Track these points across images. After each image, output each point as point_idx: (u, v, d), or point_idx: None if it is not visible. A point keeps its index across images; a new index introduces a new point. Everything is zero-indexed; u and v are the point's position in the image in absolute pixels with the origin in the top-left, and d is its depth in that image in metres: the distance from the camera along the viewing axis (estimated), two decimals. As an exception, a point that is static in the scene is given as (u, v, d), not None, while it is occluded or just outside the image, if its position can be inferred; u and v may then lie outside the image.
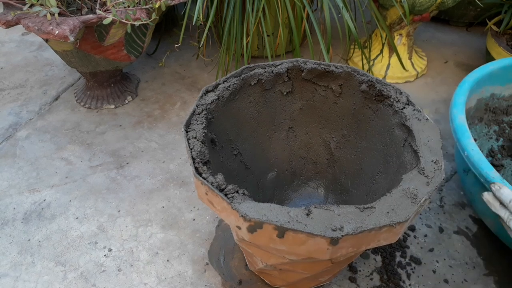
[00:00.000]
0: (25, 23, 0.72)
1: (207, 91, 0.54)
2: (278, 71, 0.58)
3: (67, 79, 1.10)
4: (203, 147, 0.45)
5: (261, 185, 0.63)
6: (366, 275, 0.66)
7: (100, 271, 0.66)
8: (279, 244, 0.40)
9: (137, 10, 0.79)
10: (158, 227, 0.73)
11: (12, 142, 0.90)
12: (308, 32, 0.94)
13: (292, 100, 0.62)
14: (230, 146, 0.57)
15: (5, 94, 1.05)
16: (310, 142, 0.65)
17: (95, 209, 0.76)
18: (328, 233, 0.38)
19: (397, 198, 0.42)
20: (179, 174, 0.83)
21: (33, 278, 0.65)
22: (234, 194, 0.41)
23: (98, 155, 0.87)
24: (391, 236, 0.41)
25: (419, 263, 0.67)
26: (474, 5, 1.28)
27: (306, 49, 1.24)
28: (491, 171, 0.56)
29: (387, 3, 0.99)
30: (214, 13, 0.91)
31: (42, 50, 1.22)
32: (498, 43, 1.03)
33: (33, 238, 0.71)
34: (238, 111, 0.58)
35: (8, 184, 0.81)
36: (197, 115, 0.50)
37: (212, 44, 1.23)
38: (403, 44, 1.09)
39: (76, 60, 0.88)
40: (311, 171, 0.67)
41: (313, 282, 0.56)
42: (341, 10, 0.89)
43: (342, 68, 0.57)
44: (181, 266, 0.67)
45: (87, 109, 1.00)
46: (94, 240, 0.71)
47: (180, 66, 1.16)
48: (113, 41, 0.86)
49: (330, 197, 0.66)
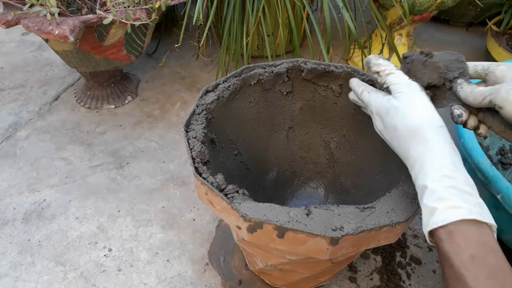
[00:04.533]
0: (25, 23, 0.72)
1: (207, 91, 0.53)
2: (278, 71, 0.58)
3: (67, 79, 1.10)
4: (203, 147, 0.45)
5: (261, 185, 0.63)
6: (366, 275, 0.66)
7: (100, 271, 0.66)
8: (279, 244, 0.40)
9: (137, 10, 0.79)
10: (158, 227, 0.73)
11: (12, 142, 0.90)
12: (308, 32, 0.94)
13: (292, 100, 0.62)
14: (230, 146, 0.57)
15: (5, 94, 1.05)
16: (310, 142, 0.65)
17: (95, 209, 0.76)
18: (328, 233, 0.38)
19: (397, 198, 0.42)
20: (179, 174, 0.83)
21: (33, 278, 0.65)
22: (234, 194, 0.41)
23: (98, 155, 0.87)
24: (391, 236, 0.41)
25: (419, 263, 0.67)
26: (474, 5, 1.28)
27: (306, 49, 1.24)
28: (482, 158, 0.56)
29: (387, 3, 0.99)
30: (214, 13, 0.91)
31: (42, 50, 1.22)
32: (498, 43, 1.03)
33: (33, 238, 0.71)
34: (238, 111, 0.58)
35: (8, 184, 0.81)
36: (197, 115, 0.50)
37: (212, 44, 1.23)
38: (403, 44, 1.09)
39: (76, 60, 0.88)
40: (311, 171, 0.67)
41: (313, 282, 0.56)
42: (341, 10, 0.89)
43: (342, 68, 0.57)
44: (181, 266, 0.67)
45: (87, 109, 1.00)
46: (94, 240, 0.71)
47: (180, 66, 1.16)
48: (113, 41, 0.86)
49: (330, 197, 0.66)
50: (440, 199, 0.34)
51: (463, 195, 0.34)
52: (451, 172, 0.35)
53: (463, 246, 0.32)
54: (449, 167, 0.35)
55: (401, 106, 0.40)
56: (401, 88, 0.42)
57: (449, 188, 0.34)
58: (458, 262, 0.32)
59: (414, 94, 0.41)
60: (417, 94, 0.41)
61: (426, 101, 0.41)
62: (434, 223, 0.34)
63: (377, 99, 0.44)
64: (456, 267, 0.32)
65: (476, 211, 0.33)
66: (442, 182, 0.35)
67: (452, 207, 0.33)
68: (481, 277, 0.31)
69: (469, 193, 0.34)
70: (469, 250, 0.32)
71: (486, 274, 0.31)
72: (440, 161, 0.36)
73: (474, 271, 0.31)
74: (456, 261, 0.32)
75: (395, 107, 0.41)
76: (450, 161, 0.36)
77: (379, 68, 0.45)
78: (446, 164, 0.36)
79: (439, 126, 0.38)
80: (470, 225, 0.33)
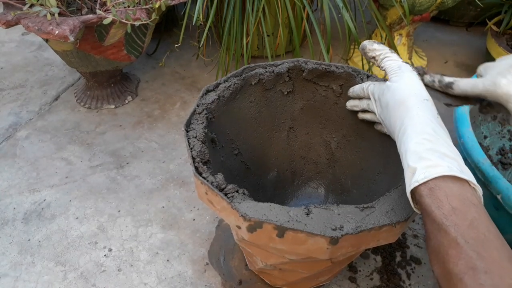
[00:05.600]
0: (25, 23, 0.72)
1: (207, 91, 0.53)
2: (279, 71, 0.58)
3: (67, 79, 1.10)
4: (203, 147, 0.45)
5: (261, 184, 0.63)
6: (366, 275, 0.66)
7: (100, 271, 0.66)
8: (279, 243, 0.40)
9: (137, 10, 0.79)
10: (158, 227, 0.73)
11: (12, 142, 0.90)
12: (308, 32, 0.94)
13: (293, 100, 0.62)
14: (231, 145, 0.57)
15: (5, 94, 1.05)
16: (310, 142, 0.65)
17: (95, 209, 0.76)
18: (328, 233, 0.38)
19: (397, 198, 0.42)
20: (179, 174, 0.83)
21: (33, 278, 0.65)
22: (234, 193, 0.41)
23: (98, 155, 0.87)
24: (390, 235, 0.41)
25: (419, 263, 0.67)
26: (474, 5, 1.28)
27: (306, 49, 1.24)
28: (482, 157, 0.56)
29: (387, 3, 0.99)
30: (214, 13, 0.91)
31: (42, 50, 1.22)
32: (498, 43, 1.03)
33: (33, 238, 0.71)
34: (239, 110, 0.58)
35: (8, 184, 0.81)
36: (197, 115, 0.50)
37: (212, 44, 1.23)
38: (403, 44, 1.09)
39: (76, 60, 0.88)
40: (312, 171, 0.67)
41: (313, 281, 0.56)
42: (341, 10, 0.89)
43: (343, 68, 0.57)
44: (181, 266, 0.67)
45: (87, 109, 1.00)
46: (94, 240, 0.71)
47: (180, 66, 1.16)
48: (113, 41, 0.86)
49: (330, 197, 0.66)
50: (420, 158, 0.35)
51: (444, 156, 0.35)
52: (431, 136, 0.36)
53: (444, 199, 0.33)
54: (430, 132, 0.37)
55: (392, 84, 0.43)
56: (394, 70, 0.45)
57: (430, 150, 0.35)
58: (440, 214, 0.32)
59: (404, 73, 0.43)
60: (407, 73, 0.44)
61: (415, 78, 0.43)
62: (415, 181, 0.34)
63: (379, 86, 0.47)
64: (437, 220, 0.32)
65: (456, 169, 0.34)
66: (423, 145, 0.36)
67: (432, 166, 0.34)
68: (463, 226, 0.31)
69: (451, 156, 0.35)
70: (450, 203, 0.32)
71: (467, 224, 0.31)
72: (422, 127, 0.38)
73: (455, 221, 0.31)
74: (437, 214, 0.32)
75: (387, 86, 0.44)
76: (431, 128, 0.37)
77: (375, 53, 0.48)
78: (427, 130, 0.37)
79: (423, 99, 0.41)
80: (450, 181, 0.33)
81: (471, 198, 0.33)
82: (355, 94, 0.54)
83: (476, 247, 0.30)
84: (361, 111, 0.55)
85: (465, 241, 0.30)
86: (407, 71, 0.44)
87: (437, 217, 0.32)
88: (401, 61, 0.46)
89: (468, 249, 0.30)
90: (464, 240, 0.30)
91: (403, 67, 0.44)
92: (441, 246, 0.32)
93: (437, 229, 0.32)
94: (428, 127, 0.37)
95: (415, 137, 0.37)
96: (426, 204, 0.33)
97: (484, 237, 0.30)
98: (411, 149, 0.36)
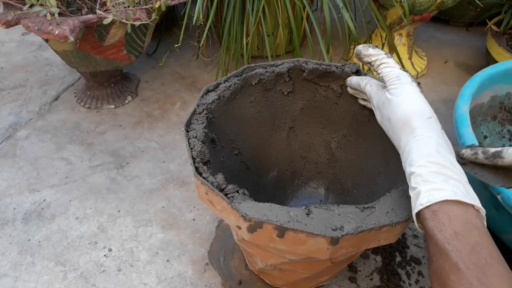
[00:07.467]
0: (25, 23, 0.72)
1: (208, 91, 0.53)
2: (279, 71, 0.58)
3: (67, 79, 1.10)
4: (203, 147, 0.45)
5: (261, 185, 0.63)
6: (366, 275, 0.66)
7: (100, 271, 0.66)
8: (279, 244, 0.40)
9: (137, 10, 0.79)
10: (158, 227, 0.73)
11: (12, 142, 0.90)
12: (308, 32, 0.94)
13: (293, 100, 0.62)
14: (231, 146, 0.57)
15: (5, 94, 1.05)
16: (310, 142, 0.65)
17: (95, 209, 0.76)
18: (328, 233, 0.38)
19: (397, 198, 0.42)
20: (179, 174, 0.83)
21: (33, 278, 0.65)
22: (234, 194, 0.41)
23: (98, 155, 0.87)
24: (391, 236, 0.41)
25: (419, 263, 0.67)
26: (474, 5, 1.28)
27: (306, 49, 1.24)
28: None
29: (387, 3, 0.99)
30: (214, 13, 0.91)
31: (42, 50, 1.22)
32: (498, 43, 1.03)
33: (33, 238, 0.71)
34: (239, 110, 0.58)
35: (8, 184, 0.81)
36: (197, 115, 0.50)
37: (212, 44, 1.23)
38: (403, 44, 1.09)
39: (76, 60, 0.88)
40: (312, 171, 0.67)
41: (313, 282, 0.56)
42: (341, 10, 0.89)
43: (343, 69, 0.57)
44: (181, 266, 0.67)
45: (87, 109, 1.00)
46: (94, 240, 0.71)
47: (180, 66, 1.16)
48: (113, 41, 0.86)
49: (331, 197, 0.66)
50: (425, 181, 0.35)
51: (449, 179, 0.35)
52: (436, 158, 0.36)
53: (446, 223, 0.32)
54: (434, 154, 0.37)
55: (392, 98, 0.43)
56: (393, 80, 0.44)
57: (434, 173, 0.35)
58: (442, 238, 0.32)
59: (404, 86, 0.43)
60: (407, 85, 0.43)
61: (415, 92, 0.42)
62: (419, 205, 0.34)
63: (377, 92, 0.46)
64: (439, 243, 0.32)
65: (461, 193, 0.34)
66: (427, 168, 0.36)
67: (437, 189, 0.34)
68: (464, 252, 0.31)
69: (456, 178, 0.35)
70: (453, 227, 0.32)
71: (469, 249, 0.31)
72: (426, 149, 0.37)
73: (457, 245, 0.31)
74: (439, 237, 0.32)
75: (388, 100, 0.43)
76: (435, 149, 0.37)
77: (370, 59, 0.47)
78: (431, 152, 0.37)
79: (427, 117, 0.40)
80: (454, 205, 0.33)
81: (475, 221, 0.33)
82: (352, 85, 0.54)
83: (477, 273, 0.30)
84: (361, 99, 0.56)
85: (466, 267, 0.30)
86: (407, 83, 0.43)
87: (439, 241, 0.32)
88: (399, 67, 0.45)
89: (469, 275, 0.30)
90: (465, 266, 0.30)
91: (402, 78, 0.43)
92: (442, 270, 0.32)
93: (439, 252, 0.32)
94: (433, 148, 0.37)
95: (420, 160, 0.37)
96: (429, 227, 0.33)
97: (486, 263, 0.30)
98: (416, 172, 0.36)
